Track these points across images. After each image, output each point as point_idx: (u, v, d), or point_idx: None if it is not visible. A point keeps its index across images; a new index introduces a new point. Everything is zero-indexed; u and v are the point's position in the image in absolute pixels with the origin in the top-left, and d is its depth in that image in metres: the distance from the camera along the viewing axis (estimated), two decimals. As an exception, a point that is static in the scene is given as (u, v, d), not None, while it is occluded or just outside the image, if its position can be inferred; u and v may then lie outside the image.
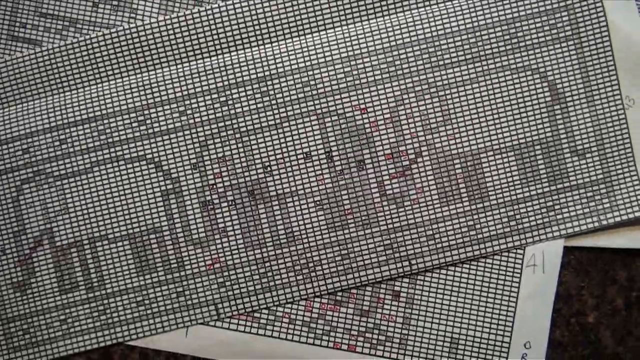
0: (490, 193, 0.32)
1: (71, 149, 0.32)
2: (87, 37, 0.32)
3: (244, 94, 0.32)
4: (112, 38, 0.32)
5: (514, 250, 0.32)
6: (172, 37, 0.32)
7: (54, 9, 0.33)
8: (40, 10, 0.33)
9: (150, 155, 0.32)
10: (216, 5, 0.32)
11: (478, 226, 0.32)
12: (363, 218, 0.32)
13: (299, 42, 0.32)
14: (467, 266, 0.32)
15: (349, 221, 0.32)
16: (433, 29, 0.32)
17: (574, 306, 0.33)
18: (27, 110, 0.32)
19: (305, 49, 0.32)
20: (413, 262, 0.32)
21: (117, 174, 0.32)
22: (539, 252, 0.32)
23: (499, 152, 0.32)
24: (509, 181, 0.32)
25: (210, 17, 0.32)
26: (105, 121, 0.32)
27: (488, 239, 0.32)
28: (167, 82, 0.32)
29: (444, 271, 0.32)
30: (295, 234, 0.32)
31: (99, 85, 0.32)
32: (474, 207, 0.32)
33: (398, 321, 0.32)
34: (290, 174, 0.32)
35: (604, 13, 0.33)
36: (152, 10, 0.33)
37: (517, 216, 0.32)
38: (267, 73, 0.32)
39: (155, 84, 0.32)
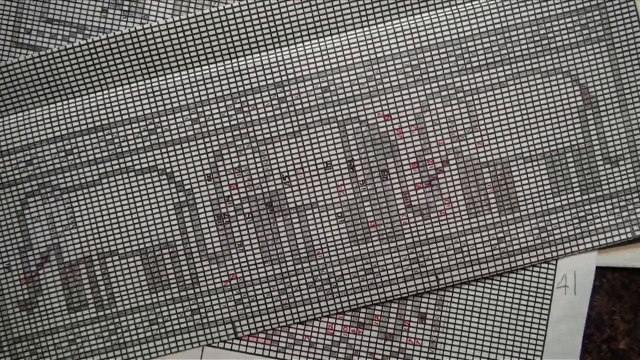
0: (520, 203, 0.31)
1: (78, 160, 0.30)
2: (93, 40, 0.30)
3: (260, 100, 0.30)
4: (118, 41, 0.30)
5: (545, 271, 0.31)
6: (182, 40, 0.30)
7: (60, 14, 0.31)
8: (47, 15, 0.31)
9: (161, 166, 0.30)
10: (229, 6, 0.30)
11: (508, 238, 0.31)
12: (387, 231, 0.30)
13: (318, 45, 0.31)
14: (497, 287, 0.31)
15: (373, 234, 0.30)
16: (460, 30, 0.31)
17: (606, 332, 0.31)
18: (29, 119, 0.30)
19: (325, 52, 0.30)
20: (440, 276, 0.30)
21: (127, 185, 0.30)
22: (570, 273, 0.31)
23: (529, 160, 0.31)
24: (539, 191, 0.31)
25: (224, 18, 0.30)
26: (113, 130, 0.30)
27: (518, 251, 0.31)
28: (178, 88, 0.30)
29: (472, 292, 0.31)
30: (315, 248, 0.30)
31: (106, 92, 0.31)
32: (503, 218, 0.31)
33: (424, 345, 0.31)
34: (310, 184, 0.30)
35: (636, 12, 0.31)
36: (165, 15, 0.31)
37: (549, 227, 0.31)
38: (284, 78, 0.30)
39: (166, 90, 0.30)
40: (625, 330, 0.31)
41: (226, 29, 0.30)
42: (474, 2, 0.31)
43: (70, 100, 0.31)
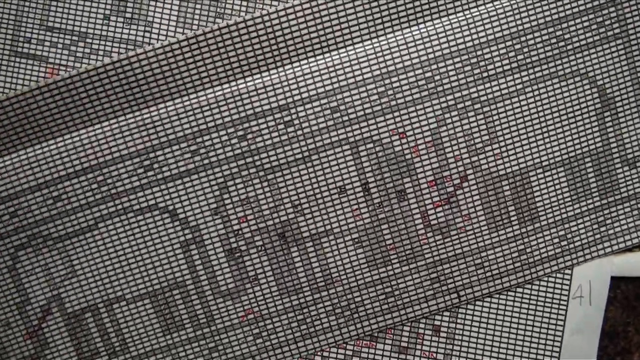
0: (540, 214, 0.30)
1: (69, 206, 0.28)
2: (70, 74, 0.27)
3: (264, 125, 0.28)
4: (100, 73, 0.27)
5: (560, 281, 0.30)
6: (174, 65, 0.27)
7: (61, 22, 0.28)
8: (47, 23, 0.28)
9: (162, 204, 0.28)
10: (224, 25, 0.27)
11: (529, 250, 0.30)
12: (407, 252, 0.29)
13: (324, 61, 0.28)
14: (512, 298, 0.30)
15: (392, 257, 0.29)
16: (474, 36, 0.28)
17: (619, 344, 0.31)
18: (6, 166, 0.27)
19: (332, 69, 0.28)
20: (462, 293, 0.30)
21: (127, 227, 0.28)
22: (585, 283, 0.30)
23: (548, 168, 0.30)
24: (559, 199, 0.30)
25: (219, 39, 0.27)
26: (105, 170, 0.28)
27: (539, 262, 0.30)
28: (172, 118, 0.28)
29: (486, 304, 0.30)
30: (333, 275, 0.29)
31: (91, 128, 0.27)
32: (524, 230, 0.30)
33: (439, 358, 0.30)
34: (323, 211, 0.29)
35: (657, 4, 0.29)
36: (170, 22, 0.28)
37: (568, 235, 0.30)
38: (289, 100, 0.28)
39: (159, 122, 0.28)
40: (639, 343, 0.31)
41: (222, 50, 0.27)
42: (487, 5, 0.28)
43: (51, 142, 0.27)
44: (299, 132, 0.28)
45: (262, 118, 0.28)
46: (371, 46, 0.28)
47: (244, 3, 0.28)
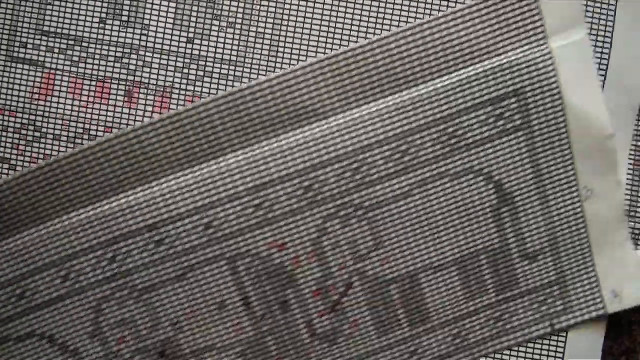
0: (432, 314, 0.29)
1: (-61, 339, 0.27)
2: None
3: (134, 246, 0.27)
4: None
5: None
6: (28, 191, 0.26)
7: (57, 26, 0.28)
8: (42, 28, 0.28)
9: (40, 331, 0.27)
10: (85, 147, 0.25)
11: (420, 350, 0.29)
12: (294, 362, 0.29)
13: (192, 176, 0.26)
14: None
15: (279, 367, 0.29)
16: (355, 140, 0.26)
17: (624, 343, 0.30)
18: None
19: (202, 183, 0.26)
20: (353, 396, 0.29)
21: (9, 356, 0.28)
22: None
23: (440, 268, 0.28)
24: (451, 298, 0.29)
25: (74, 164, 0.26)
26: (-26, 301, 0.27)
27: (432, 362, 0.29)
28: (37, 244, 0.26)
29: None
30: (220, 387, 0.29)
31: (-47, 260, 0.26)
32: (415, 331, 0.29)
33: None
34: (203, 327, 0.28)
35: (560, 95, 0.27)
36: (166, 25, 0.27)
37: (462, 333, 0.29)
38: (158, 219, 0.26)
39: (24, 250, 0.26)
40: (644, 343, 0.31)
41: (79, 174, 0.26)
42: (370, 105, 0.26)
43: None
44: (171, 251, 0.27)
45: (131, 239, 0.27)
46: (244, 155, 0.26)
47: (241, 5, 0.27)
